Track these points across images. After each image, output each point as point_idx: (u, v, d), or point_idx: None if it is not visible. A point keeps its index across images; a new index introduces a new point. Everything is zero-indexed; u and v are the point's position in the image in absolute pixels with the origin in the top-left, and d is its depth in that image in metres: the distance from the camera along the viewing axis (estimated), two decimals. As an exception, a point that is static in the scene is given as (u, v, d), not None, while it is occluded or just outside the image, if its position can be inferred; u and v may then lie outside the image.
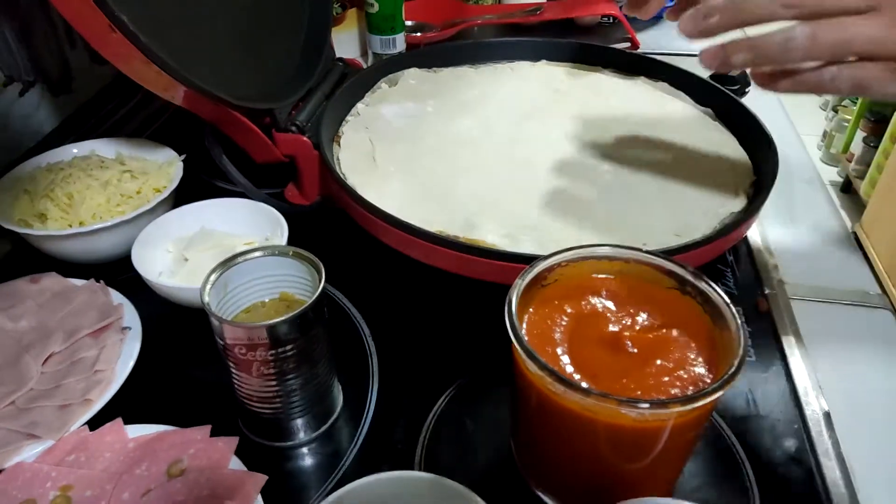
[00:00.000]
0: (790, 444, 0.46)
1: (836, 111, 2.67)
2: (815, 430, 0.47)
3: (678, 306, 0.38)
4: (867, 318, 0.57)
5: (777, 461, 0.45)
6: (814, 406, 0.48)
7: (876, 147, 2.23)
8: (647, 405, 0.32)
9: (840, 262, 0.63)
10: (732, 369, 0.32)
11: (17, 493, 0.41)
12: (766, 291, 0.58)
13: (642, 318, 0.39)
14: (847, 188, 2.48)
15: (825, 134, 2.74)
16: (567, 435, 0.37)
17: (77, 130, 0.76)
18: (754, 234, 0.65)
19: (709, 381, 0.35)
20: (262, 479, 0.41)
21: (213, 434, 0.44)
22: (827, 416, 0.48)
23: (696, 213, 0.58)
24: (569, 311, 0.39)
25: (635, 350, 0.36)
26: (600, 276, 0.41)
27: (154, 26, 0.50)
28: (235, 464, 0.43)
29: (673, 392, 0.34)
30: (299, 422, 0.45)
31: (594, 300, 0.40)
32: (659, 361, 0.36)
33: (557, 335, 0.38)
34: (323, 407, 0.46)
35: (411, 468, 0.44)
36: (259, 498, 0.40)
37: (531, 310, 0.39)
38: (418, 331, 0.55)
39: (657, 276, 0.40)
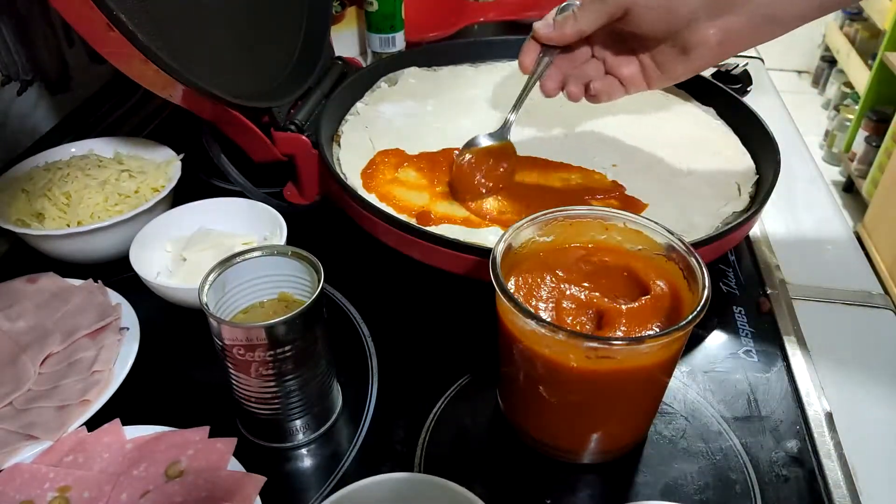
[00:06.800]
0: (792, 444, 0.45)
1: (837, 110, 2.67)
2: (817, 430, 0.46)
3: (663, 268, 0.43)
4: (869, 318, 0.56)
5: (779, 462, 0.44)
6: (816, 407, 0.48)
7: (878, 146, 2.23)
8: (621, 342, 0.37)
9: (842, 262, 0.63)
10: (693, 314, 0.36)
11: (15, 494, 0.41)
12: (768, 291, 0.58)
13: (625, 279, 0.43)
14: (849, 188, 2.48)
15: (827, 133, 2.74)
16: (548, 378, 0.40)
17: (75, 130, 0.76)
18: (756, 233, 0.65)
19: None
20: (260, 480, 0.41)
21: (212, 435, 0.44)
22: (829, 416, 0.47)
23: (698, 212, 0.58)
24: (559, 273, 0.43)
25: (615, 304, 0.40)
26: (594, 240, 0.45)
27: (152, 25, 0.50)
28: (234, 465, 0.42)
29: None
30: (298, 423, 0.45)
31: (583, 264, 0.44)
32: (635, 303, 0.40)
33: (544, 292, 0.42)
34: (322, 408, 0.46)
35: (411, 469, 0.44)
36: (258, 499, 0.40)
37: (523, 268, 0.43)
38: (418, 331, 0.55)
39: (649, 242, 0.43)
